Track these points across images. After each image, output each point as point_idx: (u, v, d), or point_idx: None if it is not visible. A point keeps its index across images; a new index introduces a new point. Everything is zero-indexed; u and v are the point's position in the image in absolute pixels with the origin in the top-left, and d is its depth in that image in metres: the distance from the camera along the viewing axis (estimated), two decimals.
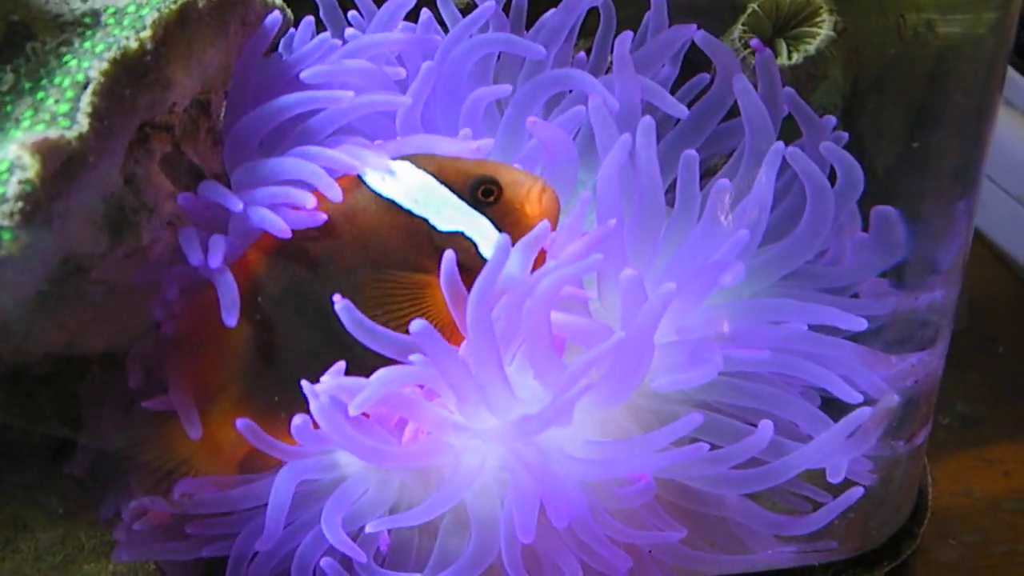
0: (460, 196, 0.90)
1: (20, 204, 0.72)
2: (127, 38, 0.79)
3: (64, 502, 0.95)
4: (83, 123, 0.75)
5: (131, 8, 0.81)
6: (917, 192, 0.98)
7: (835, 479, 0.88)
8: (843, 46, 1.02)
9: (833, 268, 0.96)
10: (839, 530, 0.97)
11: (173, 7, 0.81)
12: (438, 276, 0.83)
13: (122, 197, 0.81)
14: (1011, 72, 1.40)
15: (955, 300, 0.98)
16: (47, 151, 0.73)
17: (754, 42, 0.98)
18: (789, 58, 1.02)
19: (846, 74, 1.04)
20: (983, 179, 0.98)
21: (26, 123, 0.76)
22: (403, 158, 0.92)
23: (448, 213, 0.90)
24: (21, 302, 0.78)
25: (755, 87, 0.95)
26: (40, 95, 0.77)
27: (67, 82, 0.77)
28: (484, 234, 0.89)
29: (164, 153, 0.85)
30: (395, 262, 0.89)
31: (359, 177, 0.90)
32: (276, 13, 0.91)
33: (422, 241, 0.90)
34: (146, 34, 0.79)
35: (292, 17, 0.93)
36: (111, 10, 0.81)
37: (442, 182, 0.90)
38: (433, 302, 0.87)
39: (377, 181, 0.90)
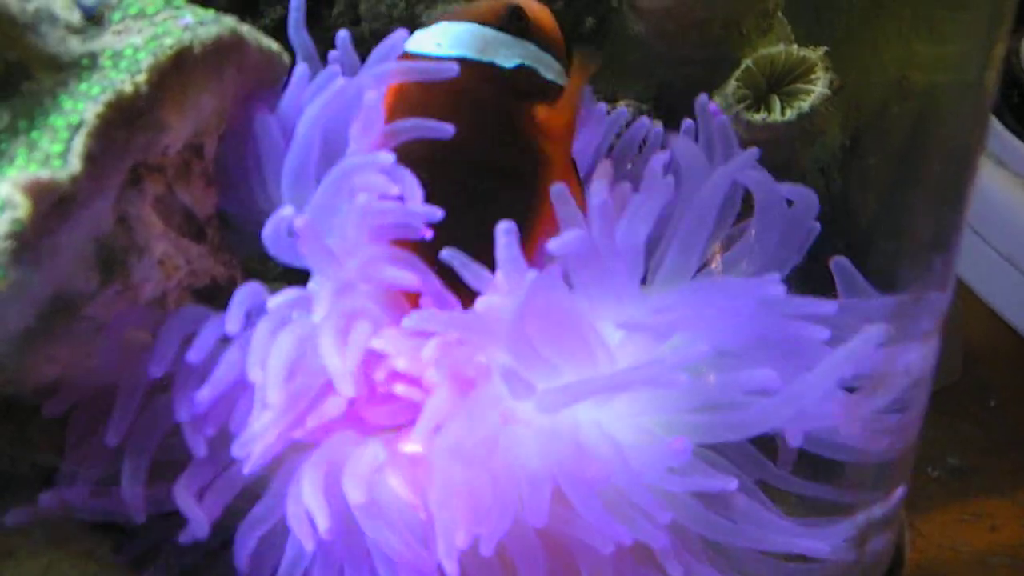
0: (502, 32, 0.94)
1: (10, 243, 0.73)
2: (122, 81, 0.80)
3: (51, 531, 0.96)
4: (76, 164, 0.76)
5: (128, 51, 0.82)
6: (895, 251, 0.98)
7: (794, 443, 0.84)
8: (841, 103, 1.03)
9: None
10: None
11: (169, 52, 0.82)
12: (516, 109, 0.92)
13: (114, 236, 0.82)
14: (1004, 132, 1.40)
15: (934, 361, 0.98)
16: (39, 191, 0.74)
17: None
18: (783, 114, 1.02)
19: (844, 131, 1.04)
20: (963, 239, 0.98)
21: (20, 161, 0.77)
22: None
23: (504, 51, 0.93)
24: (9, 337, 0.79)
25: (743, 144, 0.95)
26: (35, 134, 0.78)
27: (61, 123, 0.78)
28: (538, 59, 0.94)
29: (157, 194, 0.86)
30: (488, 110, 0.93)
31: (414, 54, 0.93)
32: (273, 59, 0.92)
33: (497, 83, 0.93)
34: (141, 78, 0.80)
35: (289, 62, 0.94)
36: (108, 53, 0.82)
37: (483, 25, 0.93)
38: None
39: (435, 48, 0.92)
